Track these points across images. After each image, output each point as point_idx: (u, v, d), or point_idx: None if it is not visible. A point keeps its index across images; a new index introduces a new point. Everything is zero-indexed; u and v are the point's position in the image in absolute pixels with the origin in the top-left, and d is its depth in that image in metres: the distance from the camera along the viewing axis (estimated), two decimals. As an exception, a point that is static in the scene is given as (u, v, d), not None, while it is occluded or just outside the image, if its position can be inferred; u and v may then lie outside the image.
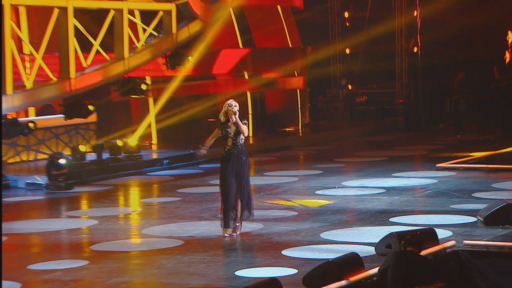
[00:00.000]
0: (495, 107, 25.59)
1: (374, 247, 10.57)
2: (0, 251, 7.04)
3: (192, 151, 20.86)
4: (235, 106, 11.81)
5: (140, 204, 16.03)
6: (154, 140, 22.98)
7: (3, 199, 16.16)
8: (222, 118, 11.82)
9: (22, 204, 15.96)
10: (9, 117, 16.53)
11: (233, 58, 24.29)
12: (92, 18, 18.44)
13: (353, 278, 9.51)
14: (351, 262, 9.81)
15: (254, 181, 17.91)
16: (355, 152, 21.86)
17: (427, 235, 10.84)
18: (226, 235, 11.50)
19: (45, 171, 17.07)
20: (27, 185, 17.24)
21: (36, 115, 21.03)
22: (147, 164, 19.59)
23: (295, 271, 9.63)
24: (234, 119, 11.66)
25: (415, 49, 28.84)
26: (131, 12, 17.55)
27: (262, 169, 19.62)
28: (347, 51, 30.11)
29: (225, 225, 11.47)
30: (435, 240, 10.84)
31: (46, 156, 18.15)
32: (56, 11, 16.00)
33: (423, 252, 9.98)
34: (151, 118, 21.56)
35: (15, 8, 16.75)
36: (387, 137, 25.06)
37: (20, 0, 16.15)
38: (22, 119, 18.27)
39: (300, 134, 25.89)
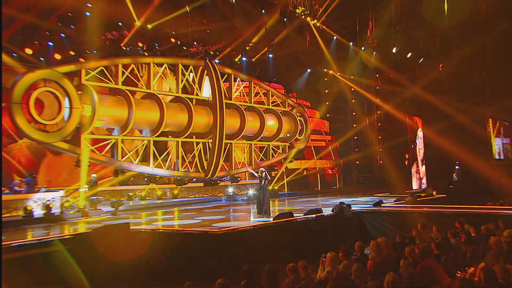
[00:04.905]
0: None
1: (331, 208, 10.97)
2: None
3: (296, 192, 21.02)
4: (264, 171, 10.72)
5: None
6: (285, 189, 22.73)
7: (233, 202, 16.20)
8: (259, 173, 10.81)
9: (236, 204, 16.18)
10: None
11: (310, 162, 24.50)
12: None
13: (318, 214, 9.87)
14: (316, 211, 10.33)
15: (311, 197, 18.38)
16: (353, 193, 20.97)
17: (346, 207, 10.92)
18: (261, 216, 10.53)
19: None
20: (241, 200, 17.71)
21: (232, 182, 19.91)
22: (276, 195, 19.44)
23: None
24: (264, 175, 10.69)
25: (380, 162, 27.86)
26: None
27: (318, 195, 19.88)
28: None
29: (258, 213, 10.67)
30: (350, 209, 10.93)
31: (245, 192, 18.60)
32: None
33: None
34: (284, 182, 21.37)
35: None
36: (366, 190, 23.23)
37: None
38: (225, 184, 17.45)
39: (337, 188, 25.41)
